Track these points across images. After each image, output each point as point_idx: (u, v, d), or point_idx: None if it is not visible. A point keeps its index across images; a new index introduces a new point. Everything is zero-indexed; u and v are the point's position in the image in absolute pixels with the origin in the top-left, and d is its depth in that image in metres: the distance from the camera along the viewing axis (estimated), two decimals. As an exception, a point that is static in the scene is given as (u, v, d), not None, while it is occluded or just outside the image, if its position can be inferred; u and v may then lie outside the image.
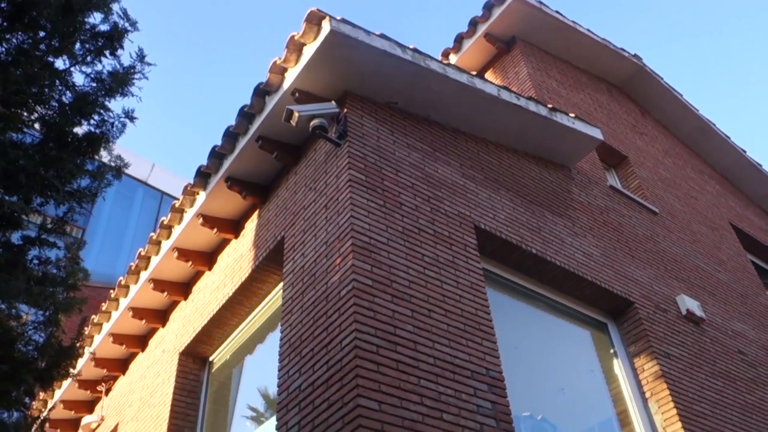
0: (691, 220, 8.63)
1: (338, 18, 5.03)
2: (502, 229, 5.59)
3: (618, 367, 5.97)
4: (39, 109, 4.44)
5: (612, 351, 6.09)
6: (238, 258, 6.05)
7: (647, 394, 5.71)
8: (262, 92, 5.47)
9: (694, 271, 7.57)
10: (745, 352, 6.99)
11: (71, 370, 4.80)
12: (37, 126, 4.54)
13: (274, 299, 5.82)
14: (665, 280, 6.92)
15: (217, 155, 5.90)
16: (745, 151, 10.91)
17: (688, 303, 6.71)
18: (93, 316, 7.65)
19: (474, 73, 6.05)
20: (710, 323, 6.89)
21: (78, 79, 4.96)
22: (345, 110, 5.23)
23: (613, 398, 5.82)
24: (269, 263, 5.60)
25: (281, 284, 5.32)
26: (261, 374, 5.87)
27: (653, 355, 5.82)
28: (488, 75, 8.70)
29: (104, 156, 4.74)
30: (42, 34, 4.42)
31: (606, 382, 5.90)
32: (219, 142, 5.83)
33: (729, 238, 9.24)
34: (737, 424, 5.97)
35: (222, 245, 6.55)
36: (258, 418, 5.72)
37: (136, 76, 4.75)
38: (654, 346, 5.89)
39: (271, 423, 4.79)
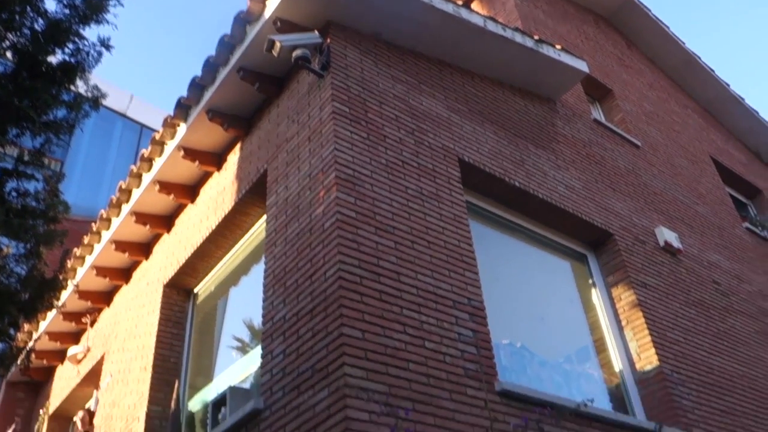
0: (673, 154, 8.68)
1: (320, -58, 4.86)
2: (486, 161, 5.59)
3: (596, 296, 6.12)
4: (10, 36, 4.29)
5: (591, 281, 6.23)
6: (221, 191, 6.02)
7: (623, 322, 5.88)
8: (242, 21, 5.32)
9: (674, 203, 7.68)
10: (719, 282, 7.18)
11: (55, 301, 4.84)
12: (8, 54, 4.40)
13: (257, 231, 5.83)
14: (645, 212, 7.02)
15: (197, 86, 5.78)
16: (728, 85, 10.89)
17: (666, 235, 6.83)
18: (75, 249, 7.64)
19: (460, 2, 5.92)
20: (687, 254, 7.04)
21: (50, 5, 4.80)
22: (328, 40, 5.11)
23: (590, 326, 5.98)
24: (252, 196, 5.58)
25: (265, 216, 5.32)
26: (246, 305, 5.93)
27: (630, 285, 5.96)
28: (474, 5, 8.50)
29: (80, 86, 4.62)
30: (10, -44, 4.23)
31: (584, 311, 6.06)
32: (199, 73, 5.70)
33: (709, 172, 9.34)
34: (708, 350, 6.18)
35: (204, 178, 6.50)
36: (243, 348, 5.82)
37: (112, 2, 4.59)
38: (631, 276, 6.02)
39: (256, 352, 4.88)
